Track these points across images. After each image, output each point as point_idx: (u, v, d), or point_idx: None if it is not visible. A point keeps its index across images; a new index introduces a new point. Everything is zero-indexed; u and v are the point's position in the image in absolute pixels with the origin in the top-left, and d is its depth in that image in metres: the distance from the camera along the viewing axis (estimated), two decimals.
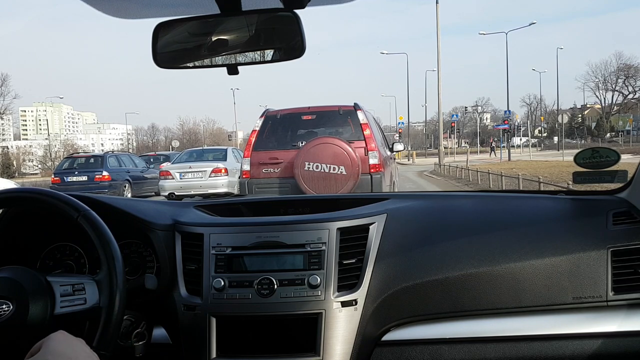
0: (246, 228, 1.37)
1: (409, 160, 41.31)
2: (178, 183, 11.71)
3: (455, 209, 1.50)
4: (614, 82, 62.25)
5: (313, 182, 5.63)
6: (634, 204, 1.39)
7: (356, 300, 1.27)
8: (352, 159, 5.64)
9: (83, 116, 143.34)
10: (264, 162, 6.03)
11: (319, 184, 5.61)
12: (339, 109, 6.31)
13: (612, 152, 1.55)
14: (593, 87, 64.24)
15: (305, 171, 5.63)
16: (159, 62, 1.17)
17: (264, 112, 6.46)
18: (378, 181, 5.83)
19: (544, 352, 1.28)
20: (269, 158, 6.03)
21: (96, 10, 1.11)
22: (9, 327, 0.97)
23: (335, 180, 5.59)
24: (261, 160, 6.04)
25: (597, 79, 62.71)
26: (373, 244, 1.33)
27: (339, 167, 5.54)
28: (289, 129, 6.34)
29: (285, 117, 6.34)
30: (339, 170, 5.53)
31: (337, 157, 5.60)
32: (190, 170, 11.81)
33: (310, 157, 5.64)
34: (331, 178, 5.58)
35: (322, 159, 5.59)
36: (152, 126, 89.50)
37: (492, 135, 71.64)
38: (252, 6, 1.09)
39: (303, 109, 6.48)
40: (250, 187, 6.04)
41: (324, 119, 6.34)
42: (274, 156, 6.01)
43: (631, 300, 1.26)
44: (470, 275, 1.29)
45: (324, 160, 5.59)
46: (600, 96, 64.93)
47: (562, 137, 41.97)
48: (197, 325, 1.29)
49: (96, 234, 1.10)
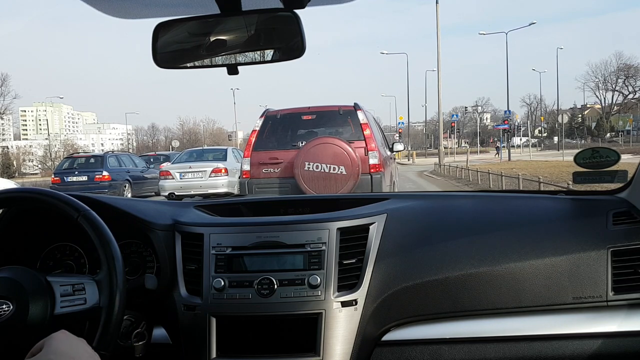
0: (246, 228, 1.37)
1: (409, 160, 41.35)
2: (178, 183, 11.72)
3: (455, 209, 1.50)
4: (614, 82, 62.37)
5: (313, 182, 5.63)
6: (634, 204, 1.39)
7: (356, 300, 1.27)
8: (352, 159, 5.64)
9: (83, 116, 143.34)
10: (264, 162, 6.02)
11: (319, 184, 5.61)
12: (339, 109, 6.29)
13: (612, 152, 1.55)
14: (593, 87, 64.42)
15: (305, 171, 5.63)
16: (159, 62, 1.17)
17: (264, 112, 6.45)
18: (378, 181, 5.84)
19: (544, 352, 1.28)
20: (269, 158, 6.02)
21: (96, 10, 1.11)
22: (9, 327, 0.97)
23: (336, 180, 5.59)
24: (261, 160, 6.04)
25: (597, 79, 62.84)
26: (373, 244, 1.33)
27: (339, 167, 5.53)
28: (289, 129, 6.33)
29: (285, 117, 6.34)
30: (339, 170, 5.53)
31: (337, 157, 5.60)
32: (190, 170, 11.82)
33: (311, 157, 5.64)
34: (331, 178, 5.58)
35: (322, 159, 5.59)
36: (152, 126, 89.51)
37: (492, 135, 71.58)
38: (252, 6, 1.09)
39: (303, 109, 6.46)
40: (251, 187, 6.04)
41: (324, 119, 6.34)
42: (274, 156, 6.01)
43: (631, 300, 1.26)
44: (470, 275, 1.29)
45: (324, 160, 5.59)
46: (600, 96, 65.07)
47: (563, 137, 41.90)
48: (197, 325, 1.29)
49: (96, 234, 1.09)
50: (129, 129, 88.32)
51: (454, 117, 45.49)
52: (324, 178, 5.60)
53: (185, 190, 11.50)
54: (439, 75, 24.13)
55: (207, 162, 12.27)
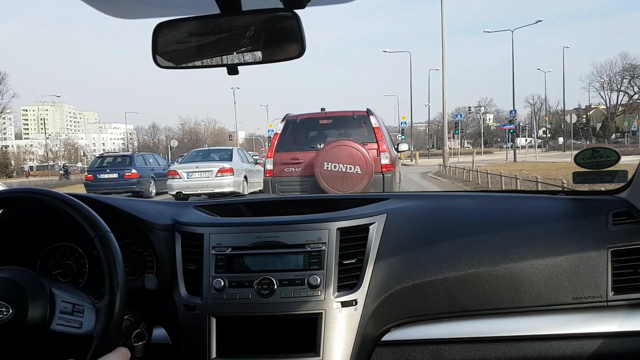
0: (246, 228, 1.37)
1: (411, 160, 40.17)
2: (185, 182, 12.05)
3: (455, 209, 1.50)
4: (619, 83, 61.90)
5: (331, 181, 6.19)
6: (634, 204, 1.39)
7: (356, 301, 1.27)
8: (367, 159, 6.17)
9: (85, 115, 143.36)
10: (285, 162, 6.61)
11: (337, 182, 6.15)
12: (353, 113, 6.84)
13: (612, 152, 1.55)
14: (598, 87, 63.80)
15: (324, 170, 6.20)
16: (159, 62, 1.17)
17: (284, 117, 7.02)
18: (389, 179, 6.39)
19: (544, 352, 1.27)
20: (290, 158, 6.61)
21: (96, 10, 1.12)
22: (7, 330, 0.96)
23: (352, 179, 6.13)
24: (283, 160, 6.62)
25: (602, 79, 62.31)
26: (373, 244, 1.33)
27: (355, 166, 6.10)
28: (308, 131, 6.94)
29: (304, 121, 6.95)
30: (355, 169, 6.09)
31: (353, 157, 6.15)
32: (197, 170, 12.14)
33: (329, 158, 6.19)
34: (348, 177, 6.13)
35: (339, 160, 6.15)
36: (152, 126, 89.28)
37: (496, 135, 71.13)
38: (252, 6, 1.09)
39: (320, 114, 7.16)
40: (274, 185, 6.62)
41: (340, 123, 6.90)
42: (294, 157, 6.60)
43: (631, 300, 1.26)
44: (470, 275, 1.29)
45: (341, 161, 6.14)
46: (605, 96, 64.50)
47: (571, 137, 41.30)
48: (197, 325, 1.29)
49: (107, 258, 1.06)
50: (130, 128, 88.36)
51: (458, 117, 45.08)
52: (341, 177, 6.14)
53: (192, 190, 11.88)
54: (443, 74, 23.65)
55: (213, 162, 12.66)
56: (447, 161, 24.34)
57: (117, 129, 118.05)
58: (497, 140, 69.99)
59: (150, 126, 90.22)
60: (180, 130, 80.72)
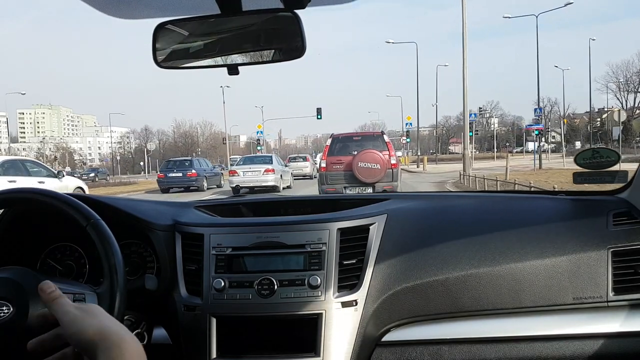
0: (246, 228, 1.37)
1: (418, 166, 33.40)
2: (242, 179, 17.08)
3: (455, 209, 1.50)
4: (636, 84, 58.75)
5: (363, 173, 10.25)
6: (634, 204, 1.39)
7: (356, 301, 1.27)
8: (383, 160, 10.30)
9: (83, 119, 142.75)
10: (333, 162, 10.68)
11: (366, 174, 10.25)
12: (373, 133, 12.05)
13: (613, 152, 1.55)
14: (614, 88, 60.30)
15: (359, 167, 10.27)
16: (159, 62, 1.17)
17: (331, 135, 11.44)
18: (396, 172, 10.56)
19: (544, 353, 1.27)
20: (336, 160, 10.65)
21: (96, 10, 1.11)
22: (7, 329, 0.96)
23: (375, 172, 10.24)
24: (332, 161, 10.70)
25: (618, 80, 59.07)
26: (373, 244, 1.33)
27: (376, 164, 10.26)
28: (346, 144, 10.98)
29: (344, 137, 11.29)
30: (376, 166, 10.26)
31: (375, 159, 10.27)
32: (250, 170, 17.23)
33: (361, 159, 10.28)
34: (372, 170, 10.27)
35: (367, 160, 10.28)
36: (145, 129, 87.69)
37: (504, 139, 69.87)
38: (252, 6, 1.09)
39: (354, 134, 12.26)
40: (326, 177, 10.68)
41: (366, 139, 11.24)
42: (339, 159, 10.64)
43: (632, 300, 1.26)
44: (470, 276, 1.29)
45: (368, 161, 10.28)
46: (621, 98, 60.79)
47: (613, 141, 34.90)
48: (197, 325, 1.29)
49: (103, 244, 1.07)
50: (125, 131, 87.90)
51: (472, 116, 36.72)
52: (368, 170, 10.27)
53: (246, 184, 16.91)
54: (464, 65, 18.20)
55: (260, 164, 17.78)
56: (470, 168, 18.60)
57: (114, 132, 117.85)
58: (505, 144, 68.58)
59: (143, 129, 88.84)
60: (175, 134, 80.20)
